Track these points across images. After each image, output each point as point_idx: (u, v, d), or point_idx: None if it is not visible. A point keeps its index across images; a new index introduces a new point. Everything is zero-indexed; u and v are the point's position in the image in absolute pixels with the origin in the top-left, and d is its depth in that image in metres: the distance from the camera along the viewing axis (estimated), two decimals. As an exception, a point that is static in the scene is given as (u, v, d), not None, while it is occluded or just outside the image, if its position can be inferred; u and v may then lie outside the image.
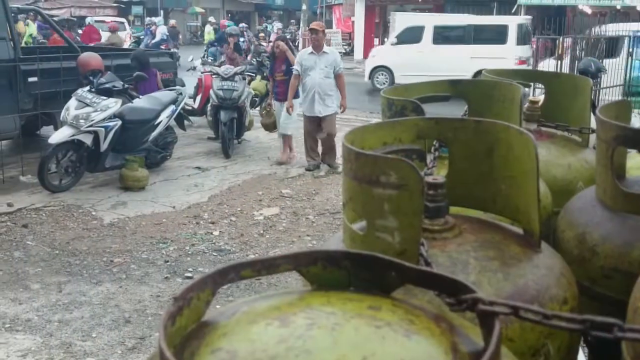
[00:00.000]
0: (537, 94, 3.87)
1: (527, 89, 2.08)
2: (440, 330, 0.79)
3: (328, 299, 0.83)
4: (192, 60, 11.18)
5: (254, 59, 11.74)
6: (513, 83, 1.77)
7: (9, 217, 5.73)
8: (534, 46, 15.23)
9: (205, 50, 17.77)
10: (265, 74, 10.73)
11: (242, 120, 8.81)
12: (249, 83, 10.01)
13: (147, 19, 24.33)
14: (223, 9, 36.36)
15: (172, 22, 24.08)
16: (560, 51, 11.13)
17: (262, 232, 5.68)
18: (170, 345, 0.69)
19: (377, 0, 25.04)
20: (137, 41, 19.48)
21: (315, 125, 7.70)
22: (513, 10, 21.19)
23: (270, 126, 8.67)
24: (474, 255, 1.14)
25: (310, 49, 7.69)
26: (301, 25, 27.47)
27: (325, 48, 7.64)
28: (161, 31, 19.90)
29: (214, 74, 8.80)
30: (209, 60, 11.79)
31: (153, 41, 18.88)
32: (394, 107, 1.50)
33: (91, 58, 7.41)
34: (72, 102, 6.51)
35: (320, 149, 7.98)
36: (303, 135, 7.91)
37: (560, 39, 11.60)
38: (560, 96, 2.11)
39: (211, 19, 26.82)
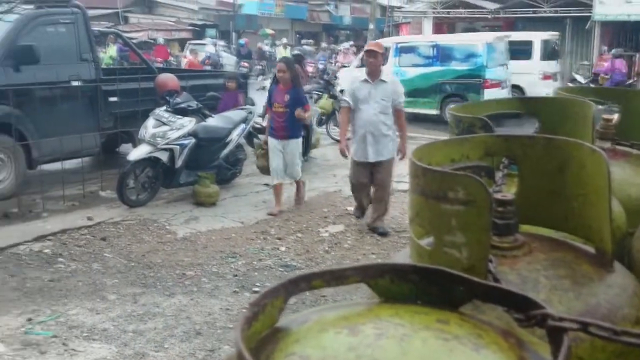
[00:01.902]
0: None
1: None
2: (508, 345, 0.80)
3: (396, 311, 0.86)
4: (261, 79, 11.46)
5: (321, 78, 11.94)
6: (585, 101, 1.74)
7: (89, 230, 6.03)
8: (608, 63, 14.87)
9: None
10: (331, 93, 10.88)
11: (309, 138, 8.96)
12: (316, 102, 10.19)
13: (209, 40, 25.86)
14: (292, 30, 37.09)
15: (259, 44, 25.43)
16: (637, 68, 10.73)
17: (327, 249, 5.72)
18: (247, 348, 0.73)
19: (445, 18, 24.86)
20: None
21: (367, 173, 6.05)
22: (587, 27, 20.55)
23: (267, 169, 7.11)
24: (545, 274, 1.13)
25: (363, 75, 5.95)
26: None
27: (384, 75, 5.94)
28: (207, 50, 21.51)
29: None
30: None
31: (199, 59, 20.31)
32: (462, 124, 1.52)
33: (168, 79, 7.74)
34: (150, 121, 6.82)
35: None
36: (350, 185, 6.32)
37: (638, 56, 11.18)
38: (635, 114, 2.05)
39: (284, 39, 27.54)
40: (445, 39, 14.51)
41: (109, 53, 18.81)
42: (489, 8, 22.92)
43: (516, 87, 15.03)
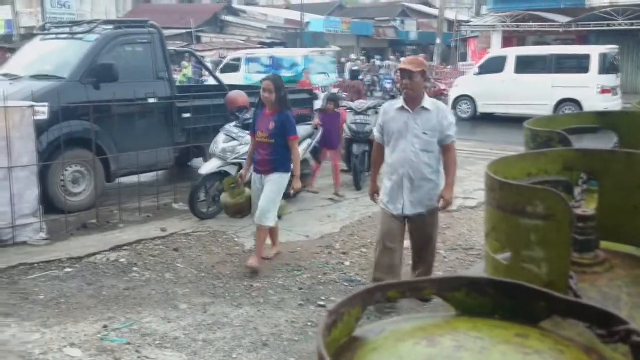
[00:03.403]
0: None
1: None
2: (591, 361, 0.78)
3: (474, 324, 0.85)
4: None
5: (387, 94, 11.95)
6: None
7: (162, 241, 6.25)
8: None
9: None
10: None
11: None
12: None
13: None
14: (357, 47, 37.32)
15: (348, 63, 26.23)
16: None
17: (394, 265, 5.68)
18: (328, 354, 0.75)
19: (515, 32, 24.35)
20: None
21: (400, 232, 4.56)
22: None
23: (232, 209, 6.10)
24: (627, 291, 1.10)
25: (400, 101, 4.51)
26: (435, 60, 27.43)
27: (427, 101, 4.44)
28: None
29: (348, 108, 9.06)
30: (343, 96, 12.15)
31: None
32: (539, 138, 1.49)
33: (238, 96, 7.95)
34: (220, 136, 7.01)
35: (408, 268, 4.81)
36: (376, 241, 4.73)
37: None
38: None
39: (352, 55, 27.86)
40: (278, 52, 19.62)
41: (184, 71, 19.62)
42: (560, 22, 22.31)
43: (572, 101, 15.03)
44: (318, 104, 10.44)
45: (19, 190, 5.97)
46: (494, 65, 16.54)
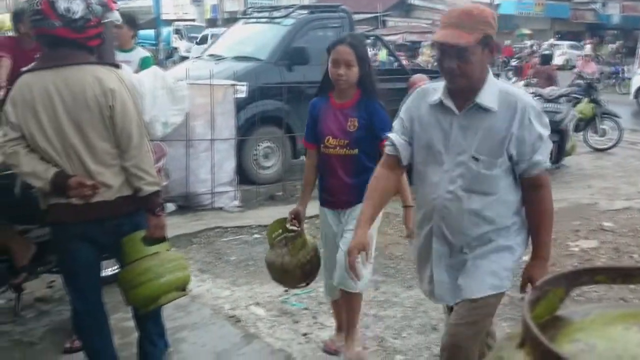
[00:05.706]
0: None
1: None
2: None
3: (688, 318, 0.81)
4: (514, 81, 11.09)
5: (581, 80, 11.12)
6: None
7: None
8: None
9: None
10: (593, 97, 10.03)
11: (563, 144, 8.43)
12: (575, 106, 9.51)
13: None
14: (551, 30, 34.94)
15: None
16: None
17: (576, 264, 5.33)
18: (535, 324, 0.77)
19: None
20: None
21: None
22: None
23: (294, 275, 3.47)
24: None
25: (438, 89, 2.35)
26: (640, 45, 24.71)
27: (489, 91, 2.25)
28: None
29: (537, 95, 8.60)
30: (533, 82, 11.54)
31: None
32: None
33: (420, 79, 7.94)
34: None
35: None
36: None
37: None
38: None
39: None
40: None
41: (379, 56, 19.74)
42: None
43: None
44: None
45: (218, 161, 6.61)
46: None
